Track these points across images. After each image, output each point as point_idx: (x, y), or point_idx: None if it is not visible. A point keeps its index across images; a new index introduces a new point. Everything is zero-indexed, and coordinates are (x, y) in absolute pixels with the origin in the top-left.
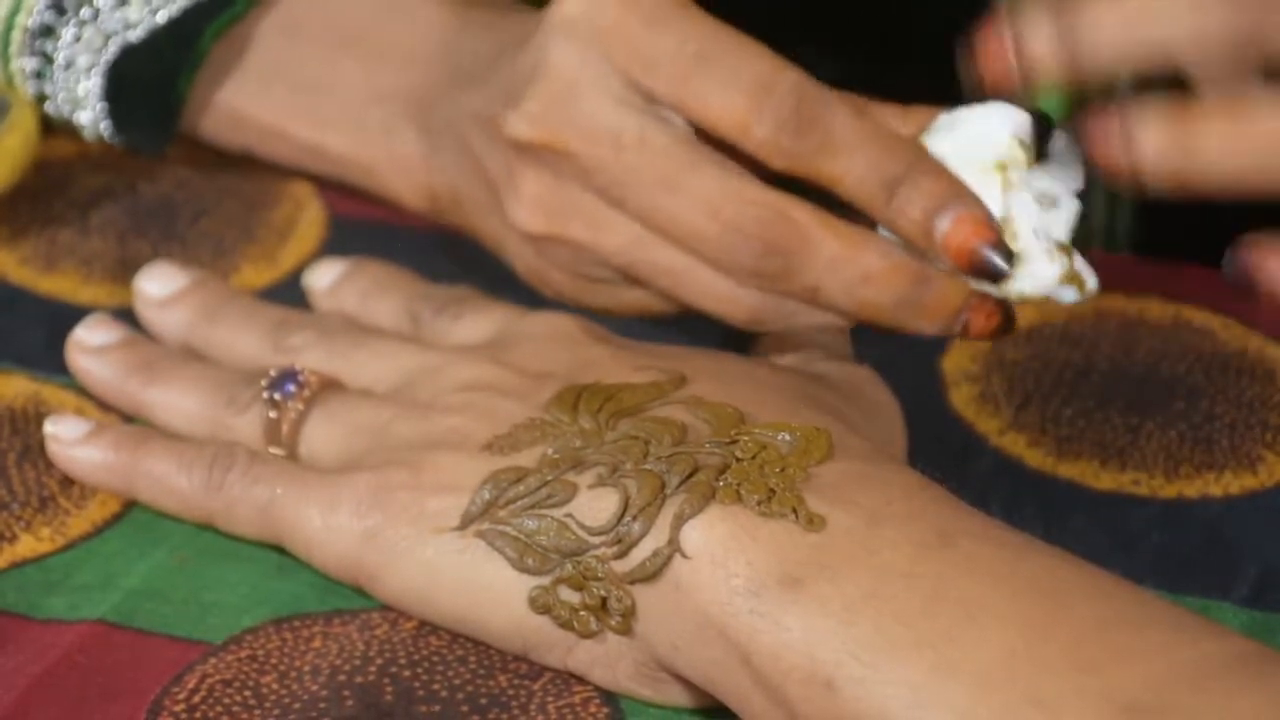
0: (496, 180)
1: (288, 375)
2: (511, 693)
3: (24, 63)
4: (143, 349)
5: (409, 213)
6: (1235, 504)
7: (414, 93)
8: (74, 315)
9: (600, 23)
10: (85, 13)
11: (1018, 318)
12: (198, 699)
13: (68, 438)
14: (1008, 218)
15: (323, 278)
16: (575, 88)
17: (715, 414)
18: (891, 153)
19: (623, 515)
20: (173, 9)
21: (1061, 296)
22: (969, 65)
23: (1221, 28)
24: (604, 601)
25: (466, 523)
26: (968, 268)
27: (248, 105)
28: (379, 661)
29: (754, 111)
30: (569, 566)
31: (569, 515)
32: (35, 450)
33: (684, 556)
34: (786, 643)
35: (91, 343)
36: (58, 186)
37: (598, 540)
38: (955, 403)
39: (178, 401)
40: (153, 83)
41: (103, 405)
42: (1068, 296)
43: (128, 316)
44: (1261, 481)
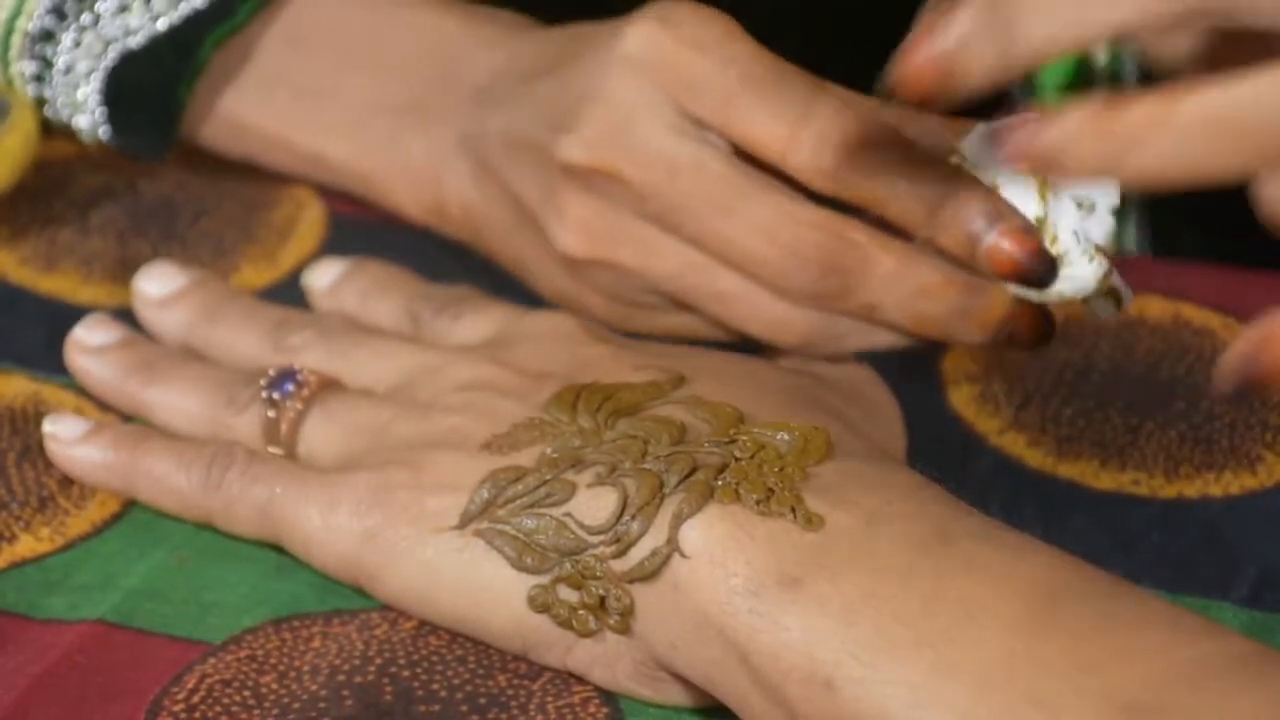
0: (531, 202)
1: (287, 375)
2: (511, 692)
3: (23, 66)
4: (142, 349)
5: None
6: (1235, 504)
7: (420, 104)
8: (74, 315)
9: (656, 55)
10: (85, 19)
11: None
12: (197, 699)
13: (67, 437)
14: (1047, 220)
15: (322, 278)
16: (631, 116)
17: (714, 413)
18: (931, 172)
19: (621, 514)
20: (174, 16)
21: (1098, 310)
22: (898, 70)
23: (1143, 10)
24: (603, 600)
25: (466, 522)
26: (1012, 276)
27: (249, 113)
28: (378, 661)
29: (796, 135)
30: (568, 565)
31: (568, 514)
32: (35, 450)
33: (682, 556)
34: (785, 642)
35: (91, 342)
36: (58, 186)
37: (596, 539)
38: (955, 402)
39: (177, 401)
40: (152, 90)
41: (102, 405)
42: (1104, 310)
43: (127, 316)
44: (1261, 481)
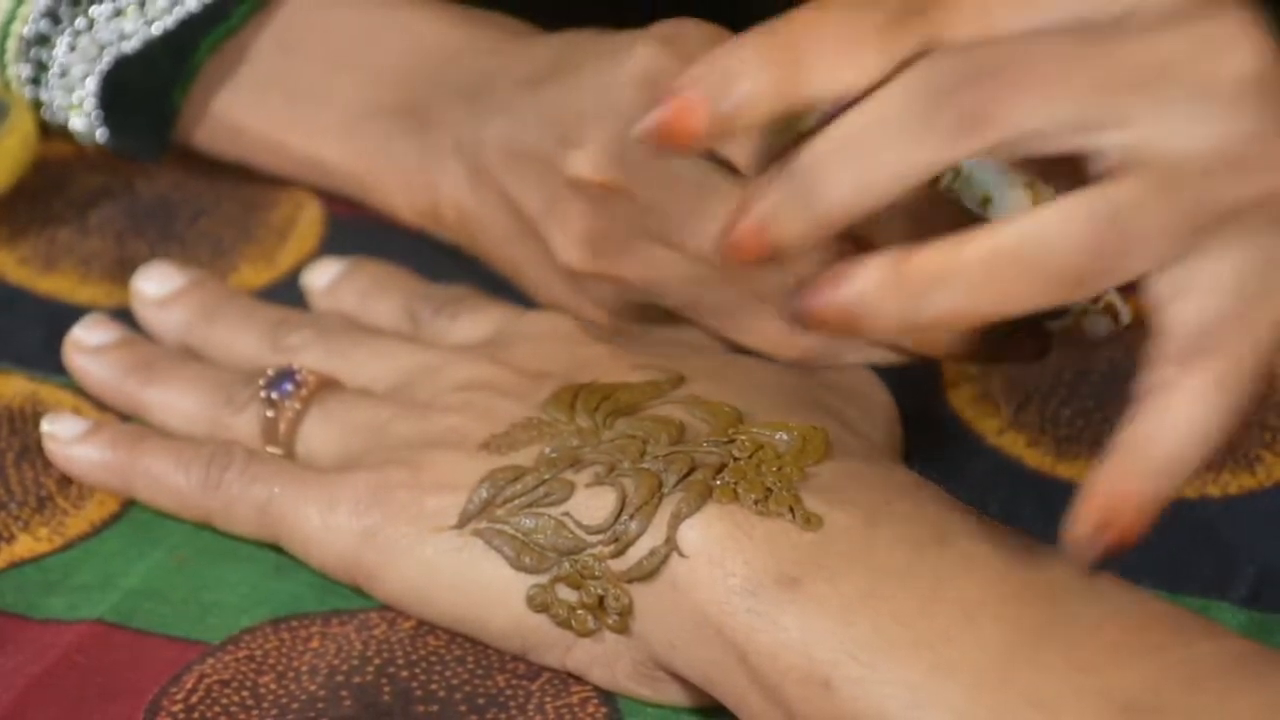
0: (533, 212)
1: (285, 374)
2: (510, 693)
3: (20, 69)
4: (141, 349)
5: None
6: (1233, 504)
7: (415, 107)
8: (72, 315)
9: (663, 74)
10: (80, 23)
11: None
12: (196, 699)
13: (65, 436)
14: None
15: (321, 277)
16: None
17: (713, 413)
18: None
19: (620, 514)
20: (168, 21)
21: (1095, 328)
22: (722, 244)
23: (937, 154)
24: (601, 600)
25: (464, 521)
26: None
27: (243, 116)
28: (377, 661)
29: None
30: (566, 565)
31: (566, 514)
32: (33, 450)
33: (681, 555)
34: (784, 642)
35: (89, 342)
36: (56, 186)
37: (595, 539)
38: (954, 402)
39: (176, 401)
40: (147, 93)
41: (100, 405)
42: (1101, 327)
43: (126, 316)
44: (1260, 481)
